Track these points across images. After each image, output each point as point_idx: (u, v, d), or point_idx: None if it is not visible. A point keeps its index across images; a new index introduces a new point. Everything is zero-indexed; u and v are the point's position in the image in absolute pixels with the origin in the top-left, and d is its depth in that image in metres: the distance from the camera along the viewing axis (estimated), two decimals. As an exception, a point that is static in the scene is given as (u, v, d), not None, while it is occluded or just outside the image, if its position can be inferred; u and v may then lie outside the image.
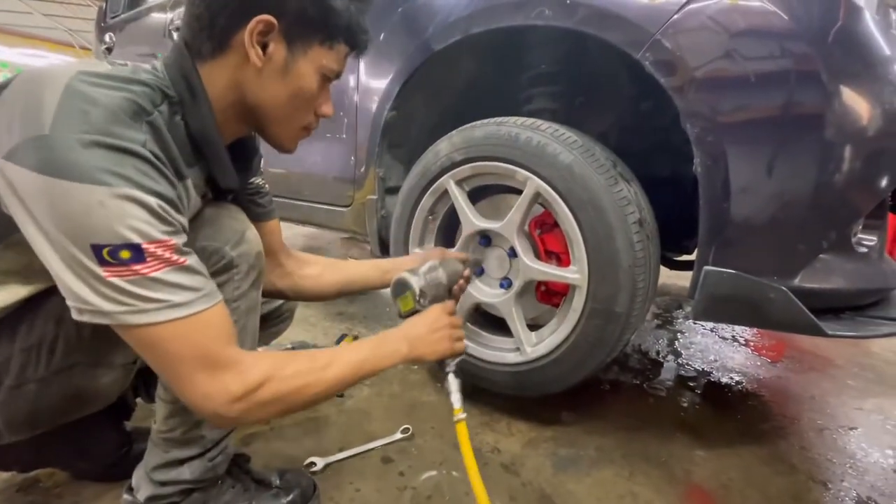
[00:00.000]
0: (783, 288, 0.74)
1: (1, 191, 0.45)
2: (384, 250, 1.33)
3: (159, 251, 0.46)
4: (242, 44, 0.54)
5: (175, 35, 1.83)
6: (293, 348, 1.28)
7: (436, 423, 1.04)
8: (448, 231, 1.16)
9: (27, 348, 0.56)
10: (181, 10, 1.80)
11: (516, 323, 1.01)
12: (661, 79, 0.77)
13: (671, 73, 0.76)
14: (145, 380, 0.82)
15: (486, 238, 1.08)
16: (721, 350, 1.59)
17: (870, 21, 0.75)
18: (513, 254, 1.02)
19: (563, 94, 1.11)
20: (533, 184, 0.92)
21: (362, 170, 1.27)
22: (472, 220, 1.03)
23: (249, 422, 0.57)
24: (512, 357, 1.03)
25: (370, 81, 1.22)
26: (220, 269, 0.61)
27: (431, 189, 1.08)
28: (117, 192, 0.43)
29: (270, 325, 0.91)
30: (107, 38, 2.44)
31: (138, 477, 0.68)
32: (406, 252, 1.16)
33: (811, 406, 1.25)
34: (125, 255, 0.44)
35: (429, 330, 0.72)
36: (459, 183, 1.05)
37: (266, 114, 0.60)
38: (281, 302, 0.92)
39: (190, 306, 0.48)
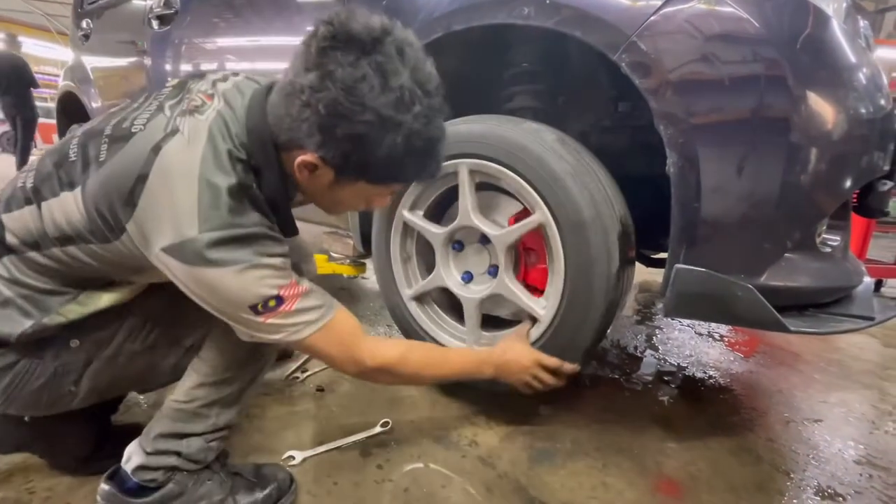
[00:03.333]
0: (749, 286, 0.76)
1: (161, 267, 0.58)
2: (366, 245, 1.33)
3: (290, 291, 0.61)
4: (293, 158, 0.60)
5: (154, 22, 1.79)
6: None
7: (415, 416, 1.06)
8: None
9: (131, 326, 0.69)
10: (161, -2, 1.76)
11: (473, 319, 1.03)
12: (636, 80, 0.78)
13: (646, 75, 0.78)
14: None
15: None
16: (696, 346, 1.63)
17: (837, 29, 0.78)
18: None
19: (545, 93, 1.12)
20: (542, 214, 0.91)
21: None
22: (471, 216, 0.99)
23: (385, 381, 0.80)
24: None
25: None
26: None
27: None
28: (260, 260, 0.58)
29: None
30: (84, 24, 2.37)
31: (132, 448, 0.71)
32: (388, 246, 1.16)
33: (779, 399, 1.29)
34: (272, 304, 0.59)
35: (518, 370, 0.91)
36: (472, 173, 0.98)
37: (315, 202, 0.72)
38: None
39: (322, 319, 0.65)
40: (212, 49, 1.67)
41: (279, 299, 0.59)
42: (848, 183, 0.82)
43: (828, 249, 0.88)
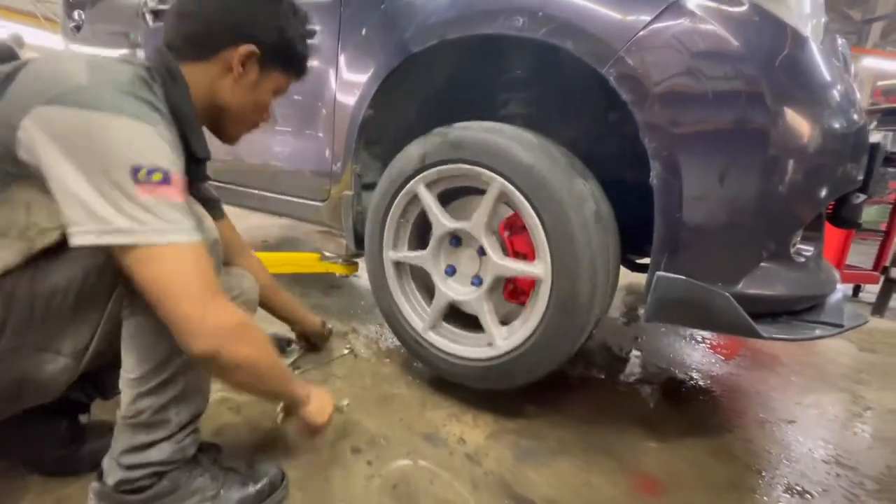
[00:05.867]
0: (726, 294, 0.80)
1: (31, 135, 0.51)
2: (359, 245, 1.35)
3: (178, 183, 0.56)
4: (227, 58, 0.70)
5: (148, 16, 1.79)
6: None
7: (404, 415, 1.08)
8: (422, 228, 1.19)
9: None
10: (156, -8, 1.75)
11: (487, 318, 1.05)
12: (623, 93, 0.81)
13: (632, 89, 0.80)
14: (101, 377, 0.80)
15: (456, 238, 1.11)
16: (680, 348, 1.67)
17: (813, 49, 0.81)
18: (482, 252, 1.06)
19: (537, 101, 1.15)
20: (497, 183, 0.96)
21: (339, 166, 1.28)
22: (442, 221, 1.07)
23: (221, 360, 0.59)
24: (483, 352, 1.07)
25: (349, 79, 1.22)
26: None
27: (403, 191, 1.10)
28: (159, 132, 0.56)
29: None
30: (75, 15, 2.34)
31: (107, 464, 0.69)
32: (381, 250, 1.19)
33: (757, 401, 1.34)
34: (157, 177, 0.53)
35: (323, 405, 0.83)
36: (429, 186, 1.07)
37: (230, 114, 0.76)
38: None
39: (196, 233, 0.57)
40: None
41: (167, 176, 0.54)
42: (822, 195, 0.86)
43: (802, 259, 0.91)
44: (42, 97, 0.52)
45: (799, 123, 0.79)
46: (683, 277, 0.82)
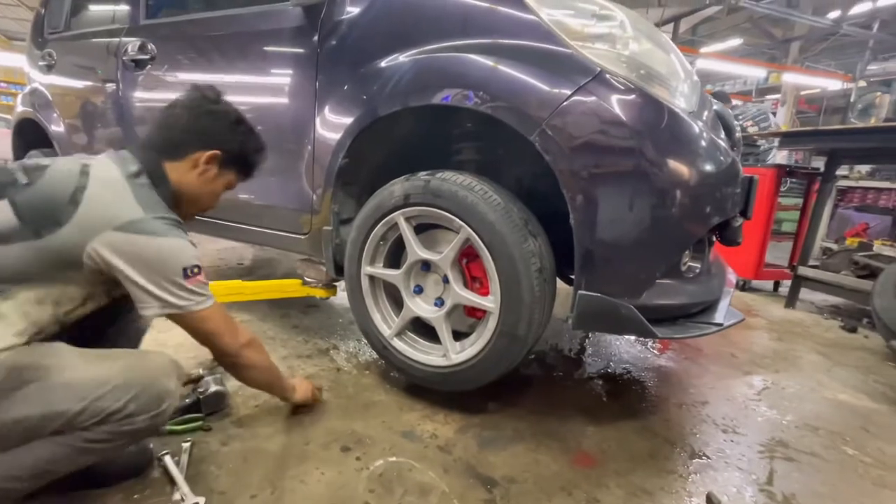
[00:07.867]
0: (630, 305, 1.05)
1: (100, 253, 0.77)
2: (338, 271, 1.54)
3: (200, 267, 0.87)
4: (196, 158, 0.96)
5: (127, 64, 1.91)
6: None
7: (386, 418, 1.27)
8: (395, 251, 1.39)
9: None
10: (135, 42, 1.88)
11: (445, 334, 1.26)
12: (546, 157, 1.05)
13: (553, 153, 1.04)
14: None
15: (426, 264, 1.32)
16: (620, 346, 1.94)
17: (683, 117, 1.07)
18: (446, 280, 1.27)
19: (486, 148, 1.38)
20: (465, 231, 1.17)
21: (319, 204, 1.47)
22: (416, 251, 1.27)
23: (241, 361, 0.99)
24: (440, 360, 1.28)
25: (327, 136, 1.41)
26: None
27: (384, 221, 1.30)
28: (187, 239, 0.86)
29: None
30: (47, 55, 2.41)
31: None
32: (360, 266, 1.38)
33: (679, 387, 1.61)
34: (195, 270, 0.85)
35: (305, 389, 1.25)
36: (408, 219, 1.28)
37: (191, 200, 0.99)
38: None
39: (212, 297, 0.90)
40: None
41: (199, 268, 0.86)
42: (698, 225, 1.12)
43: (691, 275, 1.18)
44: (110, 225, 0.78)
45: (677, 171, 1.04)
46: (598, 295, 1.06)
